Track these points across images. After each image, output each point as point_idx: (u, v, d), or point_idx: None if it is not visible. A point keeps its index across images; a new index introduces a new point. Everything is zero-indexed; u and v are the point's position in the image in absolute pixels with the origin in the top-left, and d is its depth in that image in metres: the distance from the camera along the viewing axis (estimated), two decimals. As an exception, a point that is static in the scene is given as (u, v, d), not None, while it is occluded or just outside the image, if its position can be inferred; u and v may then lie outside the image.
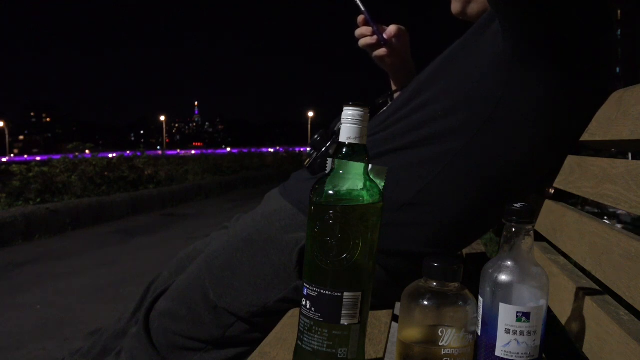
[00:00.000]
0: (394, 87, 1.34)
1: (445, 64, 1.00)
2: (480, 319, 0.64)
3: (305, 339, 0.64)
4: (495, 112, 0.89)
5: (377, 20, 1.21)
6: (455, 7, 1.16)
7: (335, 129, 1.10)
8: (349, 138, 0.64)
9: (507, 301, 0.61)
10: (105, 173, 7.87)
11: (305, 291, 0.65)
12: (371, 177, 0.66)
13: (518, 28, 0.84)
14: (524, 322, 0.61)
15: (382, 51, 1.21)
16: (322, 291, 0.63)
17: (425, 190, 0.95)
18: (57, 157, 7.79)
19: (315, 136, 1.10)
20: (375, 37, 1.20)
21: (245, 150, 19.83)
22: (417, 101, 0.98)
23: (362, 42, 1.21)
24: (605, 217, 4.42)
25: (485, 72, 0.90)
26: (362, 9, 1.17)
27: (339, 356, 0.63)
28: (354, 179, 0.64)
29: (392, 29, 1.21)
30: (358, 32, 1.20)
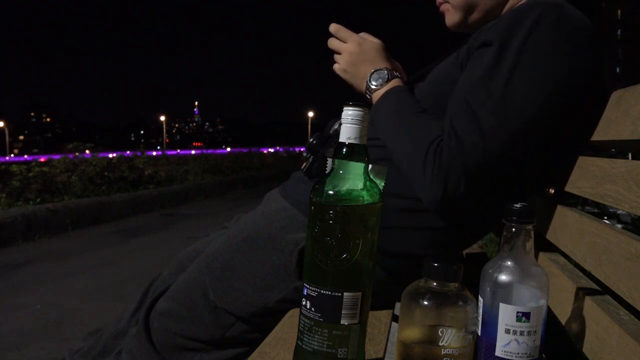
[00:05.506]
0: None
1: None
2: (480, 319, 0.64)
3: (305, 339, 0.64)
4: None
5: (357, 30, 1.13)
6: (454, 18, 1.06)
7: (331, 132, 1.09)
8: (349, 138, 0.64)
9: (507, 301, 0.61)
10: (105, 173, 7.86)
11: (305, 291, 0.65)
12: (371, 177, 0.66)
13: None
14: (524, 322, 0.61)
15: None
16: (322, 291, 0.63)
17: None
18: (57, 157, 7.78)
19: (311, 140, 1.09)
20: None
21: (245, 150, 19.80)
22: None
23: (335, 67, 1.12)
24: (605, 217, 4.42)
25: None
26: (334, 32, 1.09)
27: (339, 356, 0.63)
28: (354, 179, 0.64)
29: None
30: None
